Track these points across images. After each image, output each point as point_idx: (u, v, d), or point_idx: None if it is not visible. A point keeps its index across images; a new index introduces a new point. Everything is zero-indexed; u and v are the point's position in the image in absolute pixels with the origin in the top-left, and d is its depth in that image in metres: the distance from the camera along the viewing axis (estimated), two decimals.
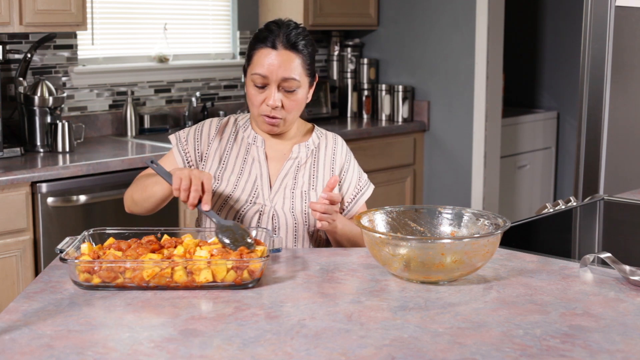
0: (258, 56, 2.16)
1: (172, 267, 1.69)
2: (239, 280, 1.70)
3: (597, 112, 3.09)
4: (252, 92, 2.18)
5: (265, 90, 2.17)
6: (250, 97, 2.20)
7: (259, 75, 2.15)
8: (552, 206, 2.47)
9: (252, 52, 2.19)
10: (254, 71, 2.16)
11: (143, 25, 4.40)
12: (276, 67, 2.14)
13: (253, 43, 2.19)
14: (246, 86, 2.22)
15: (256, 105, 2.19)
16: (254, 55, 2.17)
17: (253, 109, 2.21)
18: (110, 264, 1.70)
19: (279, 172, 2.26)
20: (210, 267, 1.69)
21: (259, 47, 2.17)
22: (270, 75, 2.14)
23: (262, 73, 2.14)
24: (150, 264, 1.69)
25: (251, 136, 2.28)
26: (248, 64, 2.20)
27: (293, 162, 2.27)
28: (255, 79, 2.16)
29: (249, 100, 2.21)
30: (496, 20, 4.65)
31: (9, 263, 3.25)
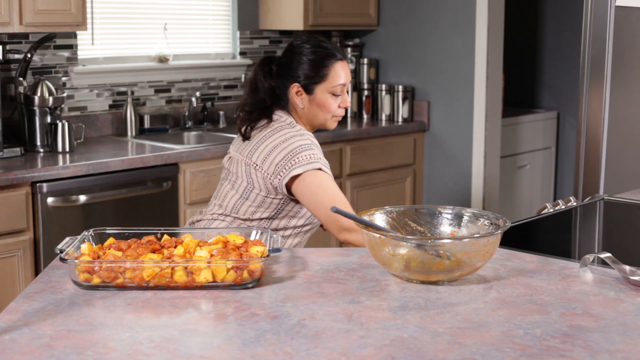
0: (336, 69, 2.52)
1: (172, 267, 1.69)
2: (239, 280, 1.70)
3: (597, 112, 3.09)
4: (331, 102, 2.53)
5: (339, 96, 2.54)
6: (328, 106, 2.53)
7: (342, 85, 2.54)
8: (552, 206, 2.47)
9: (325, 68, 2.52)
10: (337, 82, 2.52)
11: (143, 25, 4.40)
12: (349, 73, 2.57)
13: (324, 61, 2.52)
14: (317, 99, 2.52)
15: (333, 110, 2.54)
16: (330, 70, 2.52)
17: (327, 114, 2.54)
18: (110, 264, 1.70)
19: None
20: (210, 267, 1.69)
21: (332, 61, 2.52)
22: (347, 82, 2.56)
23: (344, 82, 2.54)
24: (151, 264, 1.69)
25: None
26: (321, 80, 2.52)
27: None
28: (338, 89, 2.53)
29: (323, 109, 2.53)
30: (496, 20, 4.65)
31: (9, 263, 3.25)
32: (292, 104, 2.55)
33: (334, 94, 2.53)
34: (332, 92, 2.52)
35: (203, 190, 3.88)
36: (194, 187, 3.84)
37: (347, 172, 4.50)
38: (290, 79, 2.53)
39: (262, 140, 2.48)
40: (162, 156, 3.70)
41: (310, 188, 2.41)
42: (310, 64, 2.51)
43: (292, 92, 2.52)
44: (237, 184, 2.53)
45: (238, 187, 2.52)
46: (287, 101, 2.55)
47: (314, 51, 2.52)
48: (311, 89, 2.52)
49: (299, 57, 2.54)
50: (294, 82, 2.52)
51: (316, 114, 2.54)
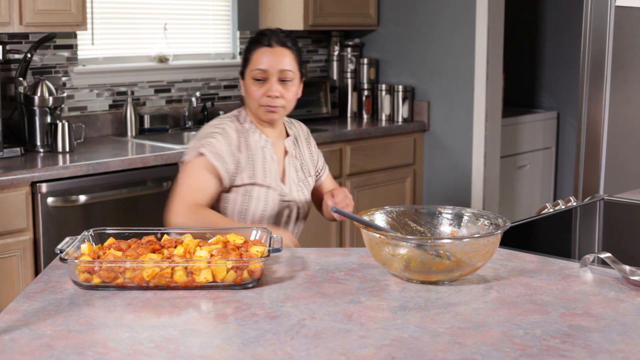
0: (257, 55, 2.47)
1: (172, 267, 1.69)
2: (239, 280, 1.70)
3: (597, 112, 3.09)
4: (253, 88, 2.47)
5: (265, 84, 2.46)
6: (251, 93, 2.48)
7: (260, 70, 2.45)
8: (552, 206, 2.47)
9: (249, 54, 2.50)
10: (255, 67, 2.46)
11: (143, 25, 4.40)
12: (274, 61, 2.46)
13: (249, 46, 2.51)
14: (245, 85, 2.51)
15: (256, 98, 2.47)
16: (252, 56, 2.49)
17: (253, 102, 2.48)
18: (110, 264, 1.70)
19: (285, 169, 2.55)
20: (210, 267, 1.69)
21: (256, 47, 2.49)
22: (270, 69, 2.45)
23: (263, 68, 2.45)
24: (150, 264, 1.69)
25: (262, 139, 2.52)
26: (246, 65, 2.51)
27: (289, 156, 2.58)
28: (256, 74, 2.46)
29: (248, 96, 2.49)
30: (496, 20, 4.65)
31: (9, 263, 3.25)
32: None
33: (255, 79, 2.46)
34: (253, 77, 2.47)
35: None
36: None
37: (347, 172, 4.50)
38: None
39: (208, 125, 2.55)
40: (162, 156, 3.70)
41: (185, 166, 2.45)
42: (244, 49, 2.54)
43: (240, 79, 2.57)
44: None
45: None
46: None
47: (252, 37, 2.54)
48: (243, 74, 2.52)
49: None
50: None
51: (247, 100, 2.52)
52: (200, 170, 2.41)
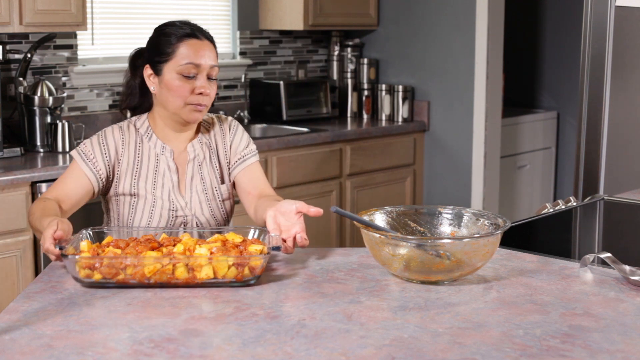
0: (186, 47, 2.20)
1: (174, 263, 1.69)
2: (240, 277, 1.70)
3: (597, 112, 3.09)
4: (180, 84, 2.20)
5: (194, 80, 2.21)
6: (176, 89, 2.20)
7: (193, 64, 2.19)
8: (552, 206, 2.47)
9: (171, 46, 2.22)
10: (186, 61, 2.19)
11: (143, 25, 4.40)
12: (206, 56, 2.21)
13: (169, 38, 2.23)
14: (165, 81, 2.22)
15: (184, 95, 2.20)
16: (178, 48, 2.21)
17: (178, 100, 2.21)
18: (112, 259, 1.70)
19: (187, 179, 2.29)
20: (211, 264, 1.69)
21: (183, 40, 2.21)
22: (203, 64, 2.21)
23: (196, 62, 2.20)
24: (152, 261, 1.69)
25: (158, 146, 2.29)
26: (166, 59, 2.22)
27: (193, 162, 2.31)
28: (186, 69, 2.19)
29: (172, 92, 2.21)
30: (496, 20, 4.65)
31: (9, 263, 3.25)
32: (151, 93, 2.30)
33: (183, 75, 2.20)
34: (179, 72, 2.20)
35: None
36: None
37: (347, 172, 4.50)
38: (144, 61, 2.29)
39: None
40: None
41: None
42: (158, 41, 2.26)
43: (146, 76, 2.27)
44: None
45: None
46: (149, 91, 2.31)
47: (162, 29, 2.27)
48: (159, 70, 2.24)
49: (152, 36, 2.31)
50: (147, 63, 2.27)
51: (167, 99, 2.23)
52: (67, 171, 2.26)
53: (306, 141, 4.27)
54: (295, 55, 5.03)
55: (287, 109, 4.69)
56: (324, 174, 4.38)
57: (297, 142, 4.23)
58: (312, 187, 4.32)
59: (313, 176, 4.32)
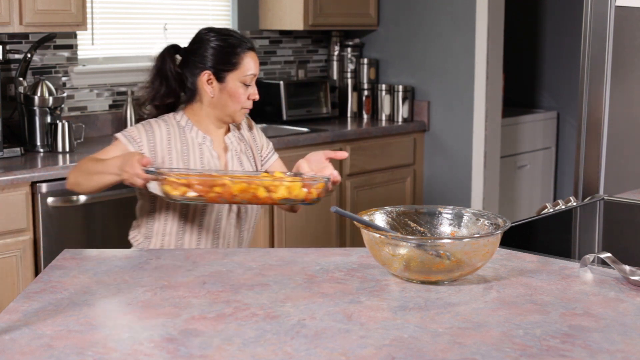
0: (247, 59, 2.49)
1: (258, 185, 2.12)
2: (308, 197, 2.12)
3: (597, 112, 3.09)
4: (241, 92, 2.48)
5: (248, 88, 2.50)
6: (238, 96, 2.48)
7: (253, 75, 2.50)
8: (552, 206, 2.47)
9: (237, 56, 2.48)
10: (248, 72, 2.49)
11: (143, 25, 4.40)
12: (257, 66, 2.53)
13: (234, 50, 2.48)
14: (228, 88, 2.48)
15: (242, 101, 2.50)
16: (242, 59, 2.48)
17: (236, 105, 2.49)
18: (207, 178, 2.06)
19: (228, 165, 2.54)
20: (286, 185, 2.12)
21: (244, 51, 2.49)
22: (257, 73, 2.53)
23: (254, 72, 2.51)
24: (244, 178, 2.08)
25: (199, 136, 2.51)
26: (231, 69, 2.48)
27: (231, 152, 2.56)
28: (249, 79, 2.49)
29: (234, 98, 2.48)
30: (496, 20, 4.65)
31: (9, 263, 3.25)
32: (200, 93, 2.50)
33: (244, 84, 2.48)
34: (243, 81, 2.48)
35: None
36: None
37: (347, 172, 4.50)
38: (201, 67, 2.48)
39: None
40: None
41: None
42: (222, 52, 2.47)
43: (202, 80, 2.47)
44: None
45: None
46: (195, 91, 2.51)
47: (224, 38, 2.49)
48: (222, 77, 2.47)
49: (208, 44, 2.49)
50: (205, 69, 2.47)
51: (226, 103, 2.48)
52: (110, 148, 2.42)
53: (306, 141, 4.27)
54: (295, 55, 5.03)
55: (287, 109, 4.69)
56: None
57: (297, 142, 4.23)
58: None
59: None
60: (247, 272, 1.81)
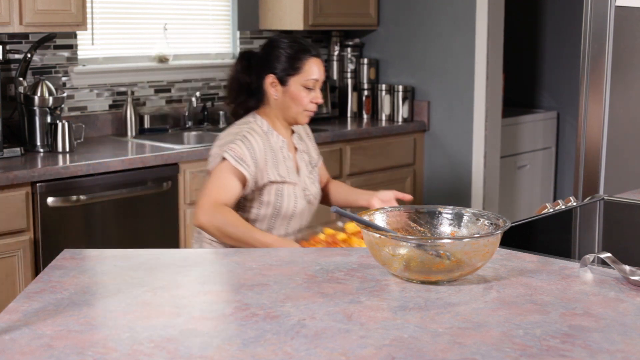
0: (310, 64, 2.66)
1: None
2: None
3: (597, 112, 3.09)
4: (303, 95, 2.66)
5: (311, 92, 2.67)
6: (300, 99, 2.66)
7: (315, 79, 2.67)
8: (552, 206, 2.47)
9: (299, 62, 2.65)
10: (310, 77, 2.66)
11: (143, 25, 4.40)
12: (321, 71, 2.69)
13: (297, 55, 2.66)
14: (290, 92, 2.66)
15: (305, 104, 2.67)
16: (305, 64, 2.65)
17: (300, 107, 2.67)
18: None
19: (298, 165, 2.75)
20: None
21: (307, 56, 2.66)
22: (320, 78, 2.69)
23: (316, 77, 2.67)
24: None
25: (279, 140, 2.71)
26: (294, 73, 2.65)
27: (300, 153, 2.78)
28: (310, 83, 2.66)
29: (296, 101, 2.66)
30: (496, 20, 4.65)
31: (9, 263, 3.25)
32: (266, 96, 2.70)
33: (306, 88, 2.66)
34: (305, 85, 2.65)
35: None
36: (194, 187, 3.84)
37: (347, 172, 4.50)
38: (266, 71, 2.67)
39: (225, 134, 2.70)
40: (162, 156, 3.70)
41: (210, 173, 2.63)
42: (287, 57, 2.66)
43: (267, 83, 2.67)
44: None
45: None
46: (263, 95, 2.70)
47: (290, 45, 2.67)
48: (285, 81, 2.66)
49: (275, 50, 2.67)
50: (270, 73, 2.66)
51: (289, 106, 2.67)
52: (224, 172, 2.57)
53: None
54: None
55: None
56: None
57: None
58: None
59: None
60: (247, 272, 1.81)
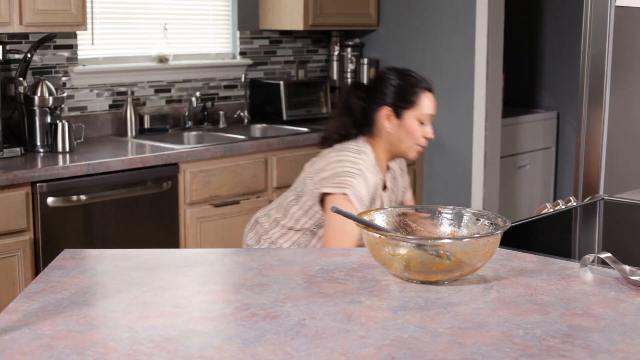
0: (425, 99, 2.67)
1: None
2: None
3: (597, 112, 3.09)
4: (417, 129, 2.66)
5: (424, 126, 2.67)
6: (413, 132, 2.66)
7: (430, 114, 2.68)
8: (552, 206, 2.47)
9: (415, 96, 2.66)
10: (425, 111, 2.66)
11: (143, 25, 4.40)
12: (434, 107, 2.71)
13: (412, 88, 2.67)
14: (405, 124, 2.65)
15: (417, 137, 2.67)
16: (419, 99, 2.66)
17: (412, 142, 2.67)
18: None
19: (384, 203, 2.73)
20: None
21: (422, 90, 2.67)
22: (434, 113, 2.70)
23: (431, 112, 2.68)
24: None
25: (378, 178, 2.68)
26: (409, 106, 2.65)
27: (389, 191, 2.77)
28: (424, 117, 2.66)
29: (410, 134, 2.66)
30: (496, 20, 4.65)
31: (9, 263, 3.25)
32: (378, 127, 2.69)
33: (420, 122, 2.66)
34: (419, 119, 2.65)
35: (203, 190, 3.88)
36: (194, 187, 3.84)
37: None
38: (381, 103, 2.67)
39: (325, 156, 2.69)
40: (162, 156, 3.70)
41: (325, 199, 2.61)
42: (403, 90, 2.66)
43: (382, 115, 2.66)
44: (294, 187, 2.74)
45: (294, 189, 2.72)
46: (372, 125, 2.69)
47: (406, 78, 2.69)
48: (401, 114, 2.65)
49: (389, 82, 2.68)
50: (385, 105, 2.66)
51: (402, 139, 2.66)
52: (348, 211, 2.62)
53: (306, 141, 4.27)
54: (295, 55, 5.03)
55: (287, 109, 4.69)
56: None
57: (297, 142, 4.23)
58: None
59: None
60: (247, 272, 1.81)
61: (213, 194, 3.92)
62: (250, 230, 2.83)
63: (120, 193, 3.57)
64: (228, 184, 3.98)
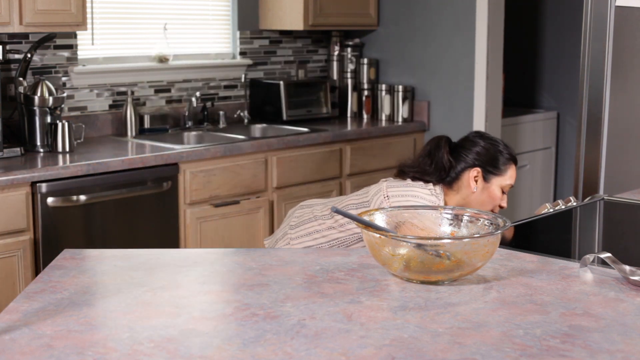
0: (511, 171, 2.74)
1: None
2: None
3: (597, 112, 3.09)
4: (498, 195, 2.73)
5: (503, 195, 2.74)
6: (495, 198, 2.72)
7: (511, 185, 2.75)
8: (552, 206, 2.47)
9: (505, 165, 2.73)
10: (509, 182, 2.74)
11: (143, 25, 4.40)
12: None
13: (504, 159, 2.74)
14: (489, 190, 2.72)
15: (496, 205, 2.74)
16: (508, 170, 2.74)
17: (490, 207, 2.73)
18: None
19: None
20: None
21: (511, 163, 2.75)
22: (514, 185, 2.78)
23: (513, 184, 2.76)
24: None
25: None
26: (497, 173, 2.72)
27: None
28: (507, 187, 2.74)
29: (492, 199, 2.72)
30: (496, 20, 4.65)
31: (9, 263, 3.25)
32: (460, 184, 2.72)
33: (502, 191, 2.73)
34: (502, 187, 2.72)
35: (203, 190, 3.88)
36: (194, 187, 3.84)
37: (347, 172, 4.50)
38: (472, 163, 2.72)
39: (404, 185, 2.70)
40: (162, 156, 3.71)
41: None
42: (496, 158, 2.72)
43: (470, 175, 2.71)
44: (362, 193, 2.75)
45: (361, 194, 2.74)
46: (455, 180, 2.72)
47: (495, 145, 2.76)
48: (488, 179, 2.72)
49: (480, 144, 2.75)
50: (476, 167, 2.71)
51: (482, 202, 2.72)
52: None
53: (306, 141, 4.27)
54: (295, 55, 5.03)
55: (287, 109, 4.69)
56: (324, 174, 4.38)
57: (297, 142, 4.23)
58: (312, 187, 4.32)
59: (313, 176, 4.32)
60: (247, 272, 1.81)
61: (213, 194, 3.92)
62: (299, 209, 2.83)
63: (120, 193, 3.57)
64: (228, 184, 3.98)
